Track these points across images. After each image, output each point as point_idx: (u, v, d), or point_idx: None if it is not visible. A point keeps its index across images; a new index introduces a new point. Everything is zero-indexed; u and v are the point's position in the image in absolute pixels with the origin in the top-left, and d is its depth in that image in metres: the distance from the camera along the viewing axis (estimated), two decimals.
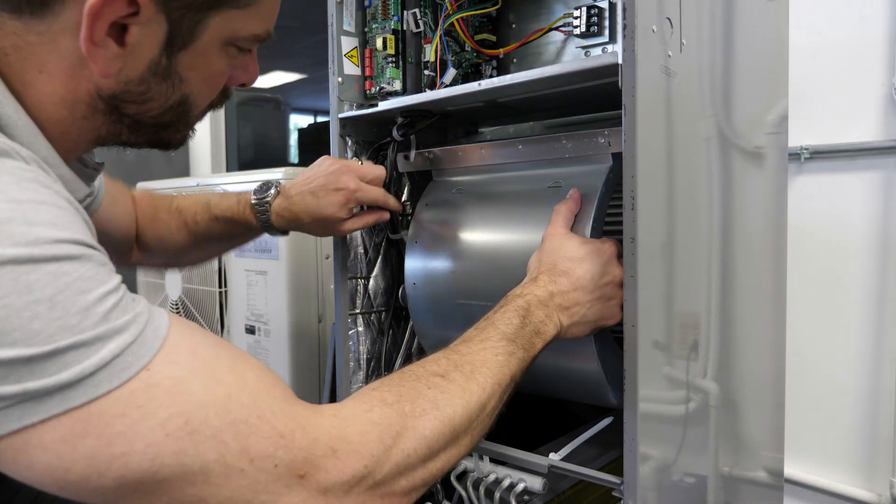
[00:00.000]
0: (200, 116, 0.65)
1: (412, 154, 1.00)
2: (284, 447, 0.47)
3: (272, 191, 0.92)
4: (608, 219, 0.82)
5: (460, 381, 0.59)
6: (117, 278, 0.47)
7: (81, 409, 0.43)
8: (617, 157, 0.80)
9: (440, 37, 0.92)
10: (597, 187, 0.81)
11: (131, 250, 0.98)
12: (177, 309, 1.72)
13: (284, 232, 0.95)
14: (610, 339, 0.82)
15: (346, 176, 0.89)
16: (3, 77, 0.52)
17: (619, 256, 0.75)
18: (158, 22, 0.53)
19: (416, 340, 1.07)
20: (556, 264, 0.75)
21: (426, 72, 0.95)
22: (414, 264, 0.97)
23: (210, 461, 0.45)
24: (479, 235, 0.91)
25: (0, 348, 0.41)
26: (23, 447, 0.42)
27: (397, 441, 0.52)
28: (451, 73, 0.93)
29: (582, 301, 0.74)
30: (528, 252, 0.80)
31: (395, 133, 0.96)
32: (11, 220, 0.43)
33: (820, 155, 1.30)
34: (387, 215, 0.95)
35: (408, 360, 1.04)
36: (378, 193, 0.92)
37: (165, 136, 0.64)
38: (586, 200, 0.80)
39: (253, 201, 0.92)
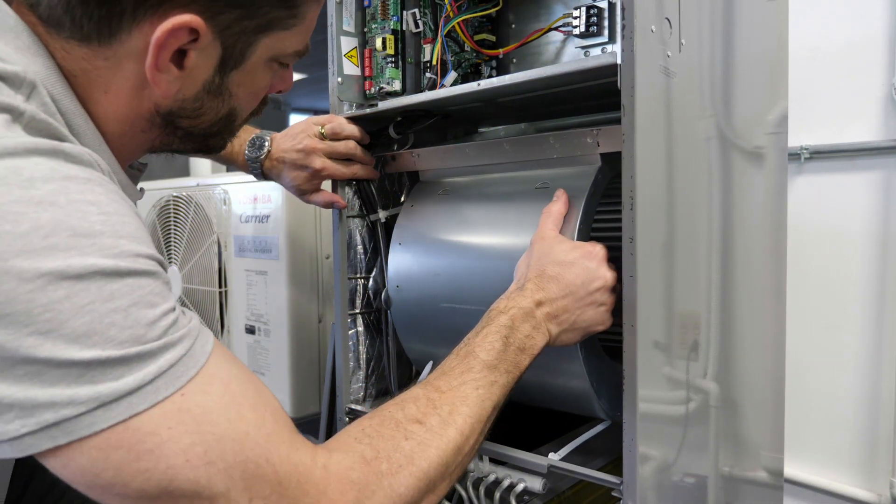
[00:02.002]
0: (243, 124, 0.71)
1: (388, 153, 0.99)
2: (279, 494, 0.50)
3: (265, 150, 1.01)
4: (598, 222, 0.82)
5: (437, 428, 0.60)
6: (173, 296, 0.52)
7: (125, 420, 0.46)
8: (606, 158, 0.79)
9: (441, 40, 0.92)
10: (584, 188, 0.79)
11: None
12: None
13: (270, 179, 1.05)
14: (597, 347, 0.81)
15: (312, 156, 0.96)
16: (76, 96, 0.57)
17: (610, 260, 0.75)
18: (214, 46, 0.58)
19: None
20: (545, 270, 0.74)
21: (427, 74, 0.95)
22: (397, 266, 0.95)
23: (217, 492, 0.48)
24: (465, 237, 0.89)
25: (82, 349, 0.44)
26: (65, 448, 0.45)
27: (372, 500, 0.54)
28: (452, 75, 0.93)
29: (571, 308, 0.73)
30: (515, 254, 0.78)
31: (391, 131, 0.96)
32: (104, 234, 0.47)
33: (820, 155, 1.30)
34: (343, 203, 1.00)
35: (407, 360, 1.04)
36: (343, 171, 0.97)
37: (211, 143, 0.69)
38: (573, 202, 0.79)
39: (247, 155, 1.02)
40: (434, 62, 0.93)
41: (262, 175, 1.03)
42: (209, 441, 0.48)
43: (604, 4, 0.82)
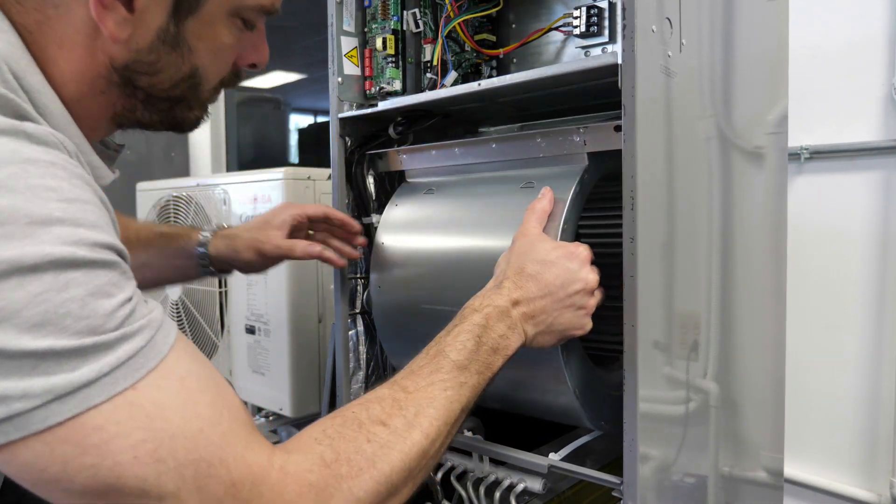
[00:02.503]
0: (213, 95, 0.66)
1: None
2: (232, 496, 0.48)
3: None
4: (586, 227, 0.81)
5: (401, 430, 0.57)
6: (133, 285, 0.50)
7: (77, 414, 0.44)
8: (593, 157, 0.78)
9: (442, 41, 0.92)
10: (570, 187, 0.77)
11: None
12: (177, 309, 1.72)
13: (222, 268, 0.99)
14: (579, 353, 0.79)
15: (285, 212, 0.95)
16: (33, 57, 0.54)
17: (594, 263, 0.73)
18: None
19: None
20: (524, 268, 0.71)
21: (428, 74, 0.95)
22: (379, 267, 0.93)
23: (167, 492, 0.46)
24: (448, 237, 0.87)
25: (35, 339, 0.43)
26: (14, 443, 0.44)
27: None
28: (452, 75, 0.93)
29: (549, 309, 0.70)
30: (498, 255, 0.77)
31: (391, 131, 0.96)
32: (62, 221, 0.45)
33: (820, 155, 1.30)
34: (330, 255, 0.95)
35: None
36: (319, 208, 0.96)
37: (179, 113, 0.65)
38: (559, 200, 0.77)
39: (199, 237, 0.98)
40: (434, 62, 0.93)
41: (207, 247, 0.97)
42: (160, 438, 0.46)
43: (604, 4, 0.82)
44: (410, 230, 0.92)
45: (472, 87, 0.82)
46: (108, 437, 0.45)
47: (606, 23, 0.82)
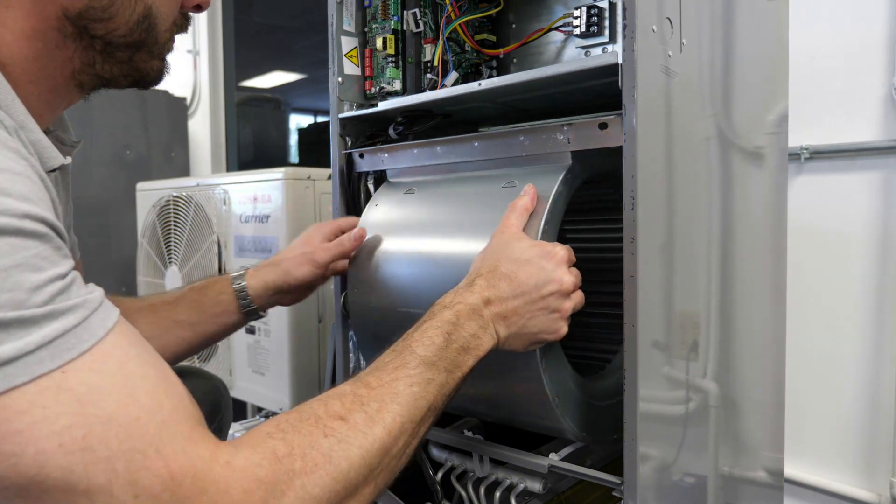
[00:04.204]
0: (168, 42, 0.65)
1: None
2: (170, 491, 0.45)
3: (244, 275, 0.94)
4: (575, 232, 0.79)
5: (361, 426, 0.54)
6: (69, 264, 0.47)
7: None
8: (578, 156, 0.76)
9: (443, 41, 0.92)
10: (552, 186, 0.75)
11: None
12: None
13: (264, 304, 0.95)
14: (559, 360, 0.76)
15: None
16: None
17: (576, 266, 0.71)
18: None
19: None
20: (498, 266, 0.68)
21: (428, 74, 0.95)
22: (357, 268, 0.91)
23: (96, 485, 0.43)
24: (426, 239, 0.85)
25: None
26: None
27: (282, 501, 0.49)
28: (453, 75, 0.93)
29: (522, 310, 0.67)
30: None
31: (392, 132, 0.96)
32: None
33: (820, 155, 1.30)
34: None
35: None
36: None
37: (140, 63, 0.64)
38: (540, 199, 0.75)
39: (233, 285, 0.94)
40: (435, 62, 0.93)
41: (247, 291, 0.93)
42: (90, 424, 0.42)
43: (604, 4, 0.82)
44: (389, 231, 0.89)
45: (473, 87, 0.82)
46: (32, 423, 0.41)
47: (607, 23, 0.82)
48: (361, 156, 0.97)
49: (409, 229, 0.87)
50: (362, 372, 0.60)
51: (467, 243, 0.79)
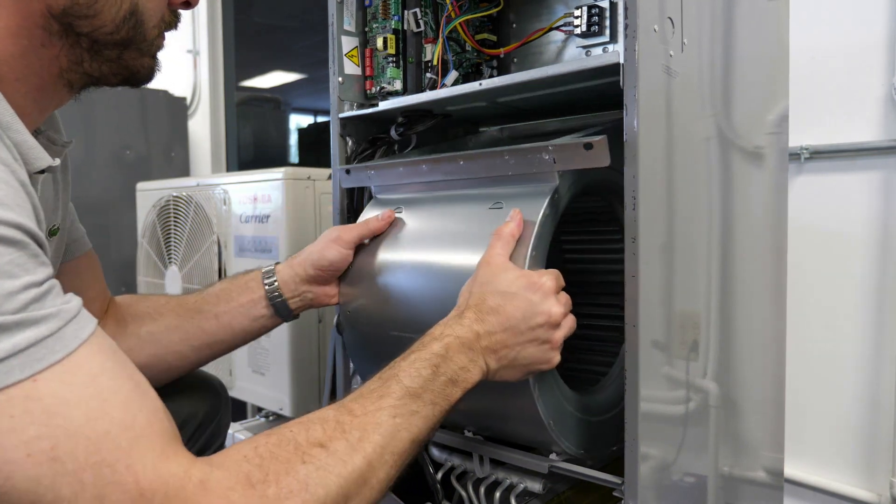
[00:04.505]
0: (157, 39, 0.64)
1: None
2: None
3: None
4: (566, 249, 0.77)
5: (342, 454, 0.53)
6: (46, 272, 0.46)
7: None
8: (563, 176, 0.75)
9: (443, 41, 0.92)
10: (538, 209, 0.73)
11: None
12: None
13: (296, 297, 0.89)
14: (553, 381, 0.75)
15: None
16: None
17: (560, 290, 0.70)
18: None
19: None
20: (486, 299, 0.68)
21: (428, 74, 0.95)
22: (348, 289, 0.89)
23: (62, 497, 0.42)
24: (414, 263, 0.83)
25: None
26: None
27: None
28: (453, 74, 0.93)
29: (511, 343, 0.67)
30: (465, 281, 0.73)
31: (393, 133, 0.96)
32: None
33: (820, 155, 1.30)
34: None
35: None
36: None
37: (130, 61, 0.63)
38: (527, 225, 0.73)
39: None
40: (435, 62, 0.93)
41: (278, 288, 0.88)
42: (58, 436, 0.42)
43: (605, 4, 0.82)
44: (377, 253, 0.88)
45: (474, 86, 0.82)
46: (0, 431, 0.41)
47: (607, 22, 0.82)
48: (348, 172, 0.95)
49: (396, 252, 0.85)
50: (346, 397, 0.59)
51: (455, 267, 0.78)
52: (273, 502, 0.48)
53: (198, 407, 0.89)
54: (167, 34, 0.66)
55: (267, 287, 0.87)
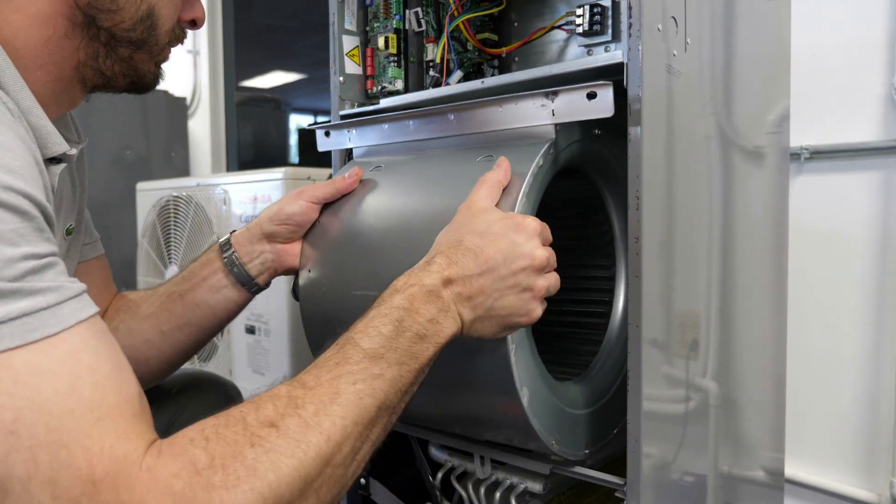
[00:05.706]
0: (166, 48, 0.68)
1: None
2: (88, 496, 0.42)
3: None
4: (559, 228, 0.73)
5: (295, 433, 0.48)
6: (49, 248, 0.46)
7: None
8: (560, 129, 0.70)
9: (447, 38, 0.92)
10: (532, 159, 0.67)
11: None
12: None
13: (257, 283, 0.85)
14: (542, 375, 0.70)
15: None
16: None
17: (545, 239, 0.64)
18: None
19: None
20: (462, 241, 0.61)
21: (431, 73, 0.95)
22: (310, 249, 0.81)
23: (15, 475, 0.40)
24: (389, 215, 0.77)
25: None
26: None
27: None
28: (458, 74, 0.92)
29: (488, 289, 0.60)
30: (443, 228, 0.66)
31: None
32: None
33: (820, 155, 1.30)
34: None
35: None
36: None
37: (139, 64, 0.66)
38: (518, 172, 0.67)
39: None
40: (438, 61, 0.93)
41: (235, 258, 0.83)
42: (20, 406, 0.40)
43: (607, 3, 0.82)
44: (347, 208, 0.81)
45: (476, 85, 0.82)
46: None
47: (610, 21, 0.82)
48: (327, 134, 0.91)
49: (368, 206, 0.79)
50: (302, 371, 0.54)
51: (431, 219, 0.70)
52: (218, 490, 0.44)
53: (211, 411, 0.89)
54: (172, 49, 0.71)
55: (224, 254, 0.82)
